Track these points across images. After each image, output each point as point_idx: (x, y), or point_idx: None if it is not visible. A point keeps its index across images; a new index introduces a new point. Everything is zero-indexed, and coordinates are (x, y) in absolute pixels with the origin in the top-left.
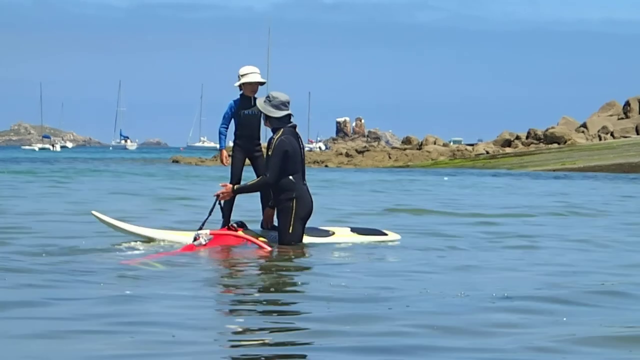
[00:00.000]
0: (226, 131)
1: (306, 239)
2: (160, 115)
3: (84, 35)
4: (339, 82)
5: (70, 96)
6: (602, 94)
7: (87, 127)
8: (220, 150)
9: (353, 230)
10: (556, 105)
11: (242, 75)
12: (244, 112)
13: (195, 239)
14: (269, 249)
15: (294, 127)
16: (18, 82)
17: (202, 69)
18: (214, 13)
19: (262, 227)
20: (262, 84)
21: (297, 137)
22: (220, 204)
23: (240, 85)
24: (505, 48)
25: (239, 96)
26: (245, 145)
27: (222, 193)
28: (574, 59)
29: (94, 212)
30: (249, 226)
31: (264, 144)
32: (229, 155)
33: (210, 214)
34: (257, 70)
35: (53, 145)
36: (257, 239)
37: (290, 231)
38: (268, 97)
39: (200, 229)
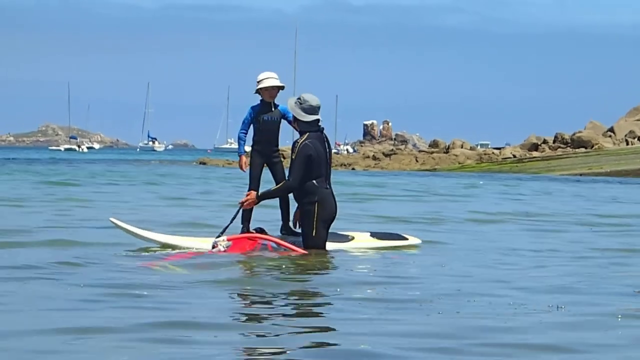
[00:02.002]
0: (245, 136)
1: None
2: (187, 116)
3: (112, 37)
4: (366, 84)
5: (98, 97)
6: (629, 99)
7: (115, 129)
8: (240, 155)
9: (373, 235)
10: (583, 110)
11: (258, 81)
12: (263, 117)
13: (213, 247)
14: (301, 250)
15: (321, 130)
16: (46, 84)
17: (230, 71)
18: (243, 15)
19: (281, 231)
20: (281, 88)
21: (323, 140)
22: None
23: (258, 91)
24: (533, 51)
25: (259, 102)
26: (264, 151)
27: (246, 201)
28: (602, 63)
29: (112, 218)
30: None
31: (282, 147)
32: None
33: (231, 221)
34: (274, 75)
35: (79, 146)
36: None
37: (314, 234)
38: (299, 99)
39: (219, 236)
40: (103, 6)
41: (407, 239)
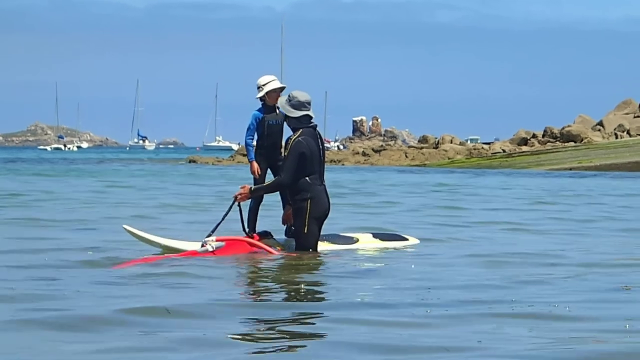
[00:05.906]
0: (252, 142)
1: (332, 247)
2: (176, 115)
3: (101, 36)
4: (356, 81)
5: (87, 96)
6: (618, 92)
7: (104, 127)
8: (251, 162)
9: (375, 236)
10: (572, 104)
11: (263, 85)
12: (269, 122)
13: (202, 246)
14: (276, 253)
15: (314, 127)
16: (35, 83)
17: (218, 69)
18: (232, 13)
19: (286, 234)
20: (283, 89)
21: (316, 137)
22: (239, 206)
23: (263, 96)
24: (522, 47)
25: (260, 106)
26: (269, 154)
27: (240, 194)
28: (591, 58)
29: (125, 226)
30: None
31: None
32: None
33: (224, 217)
34: (274, 77)
35: (65, 145)
36: (276, 248)
37: (305, 231)
38: (289, 96)
39: (210, 235)
40: (92, 5)
41: (407, 239)
